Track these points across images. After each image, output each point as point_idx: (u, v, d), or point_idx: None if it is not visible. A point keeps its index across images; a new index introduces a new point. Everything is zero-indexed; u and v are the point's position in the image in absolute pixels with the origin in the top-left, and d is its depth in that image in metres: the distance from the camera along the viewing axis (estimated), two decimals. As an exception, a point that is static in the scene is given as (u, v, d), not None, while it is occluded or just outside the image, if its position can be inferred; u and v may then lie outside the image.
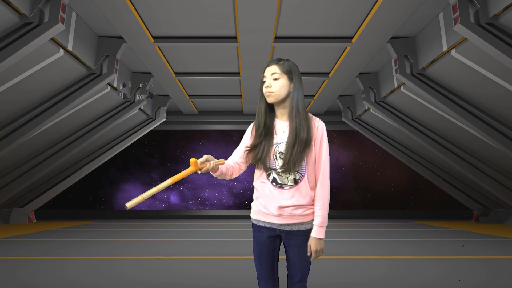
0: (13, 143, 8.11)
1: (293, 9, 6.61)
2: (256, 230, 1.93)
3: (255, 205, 1.95)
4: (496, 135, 8.12)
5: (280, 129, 1.91)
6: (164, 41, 7.77)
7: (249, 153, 1.92)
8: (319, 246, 1.84)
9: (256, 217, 1.93)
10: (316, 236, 1.84)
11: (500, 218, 12.16)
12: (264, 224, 1.90)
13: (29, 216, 11.74)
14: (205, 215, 14.64)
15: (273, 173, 1.88)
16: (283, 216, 1.86)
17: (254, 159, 1.91)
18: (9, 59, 6.04)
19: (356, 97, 12.49)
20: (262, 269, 1.89)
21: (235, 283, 3.98)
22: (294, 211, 1.86)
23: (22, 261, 5.20)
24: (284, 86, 1.89)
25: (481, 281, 4.09)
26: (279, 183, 1.87)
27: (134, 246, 6.91)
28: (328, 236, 1.99)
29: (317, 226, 1.85)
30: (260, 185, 1.92)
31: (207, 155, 1.78)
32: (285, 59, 1.94)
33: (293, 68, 1.92)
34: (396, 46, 8.35)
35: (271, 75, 1.89)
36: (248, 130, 2.00)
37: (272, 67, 1.90)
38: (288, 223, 1.87)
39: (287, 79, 1.90)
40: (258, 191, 1.93)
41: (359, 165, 15.12)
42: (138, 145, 14.62)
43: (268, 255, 1.89)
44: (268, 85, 1.88)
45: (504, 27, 6.01)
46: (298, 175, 1.86)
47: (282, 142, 1.88)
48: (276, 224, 1.88)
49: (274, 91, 1.87)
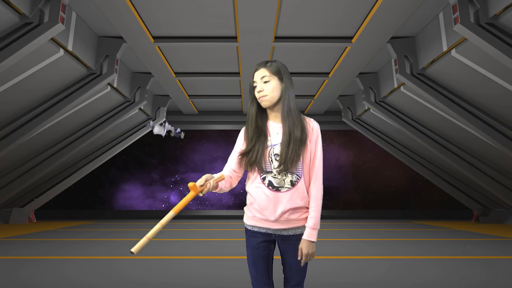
0: (13, 143, 8.11)
1: (293, 9, 6.61)
2: (250, 235, 1.88)
3: (249, 210, 1.89)
4: (496, 135, 8.12)
5: (273, 130, 1.87)
6: (164, 41, 7.77)
7: (242, 157, 1.88)
8: (311, 249, 1.78)
9: (250, 223, 1.87)
10: (308, 239, 1.78)
11: (500, 218, 12.16)
12: (260, 229, 1.85)
13: (29, 216, 11.74)
14: (205, 215, 14.64)
15: (268, 176, 1.82)
16: (280, 221, 1.82)
17: (248, 163, 1.85)
18: (9, 59, 6.04)
19: (356, 97, 12.49)
20: (258, 274, 1.83)
21: (235, 283, 3.98)
22: (290, 216, 1.82)
23: (22, 261, 5.20)
24: (276, 88, 1.85)
25: (481, 281, 4.10)
26: (276, 186, 1.81)
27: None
28: (328, 236, 1.99)
29: (309, 228, 1.79)
30: (254, 189, 1.86)
31: (205, 176, 1.73)
32: (271, 60, 1.91)
33: (282, 68, 1.89)
34: (396, 46, 8.35)
35: (261, 79, 1.85)
36: (240, 135, 1.95)
37: (260, 71, 1.87)
38: (284, 227, 1.83)
39: (278, 79, 1.86)
40: (252, 196, 1.87)
41: (359, 165, 15.12)
42: (138, 145, 14.62)
43: (263, 260, 1.84)
44: (260, 89, 1.85)
45: (504, 27, 6.01)
46: (295, 177, 1.82)
47: (276, 144, 1.83)
48: (272, 229, 1.84)
49: (267, 94, 1.84)
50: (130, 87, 10.58)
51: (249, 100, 1.92)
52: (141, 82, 10.74)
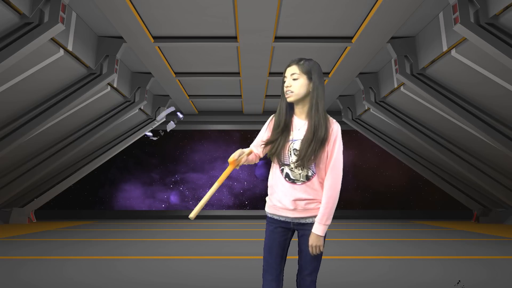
0: (13, 143, 8.11)
1: (293, 9, 6.61)
2: (270, 222, 2.00)
3: (270, 199, 2.01)
4: (496, 135, 8.12)
5: (297, 126, 1.97)
6: (164, 41, 7.77)
7: (265, 147, 2.00)
8: (316, 242, 1.88)
9: (270, 211, 2.00)
10: (314, 232, 1.89)
11: (500, 218, 12.16)
12: (279, 217, 1.96)
13: (29, 216, 11.74)
14: (205, 215, 14.64)
15: (286, 169, 1.94)
16: (298, 210, 1.92)
17: (269, 153, 2.00)
18: (9, 59, 6.04)
19: (356, 97, 12.49)
20: (271, 257, 1.93)
21: (235, 283, 3.98)
22: (307, 205, 1.92)
23: (22, 261, 5.20)
24: (303, 86, 1.94)
25: (481, 281, 4.09)
26: (292, 179, 1.93)
27: (134, 246, 6.91)
28: (328, 236, 2.00)
29: (317, 223, 1.89)
30: (274, 180, 1.99)
31: (239, 151, 1.96)
32: (306, 59, 1.99)
33: (313, 68, 1.97)
34: (396, 46, 8.35)
35: (291, 75, 1.95)
36: (266, 123, 2.08)
37: (292, 67, 1.97)
38: (302, 216, 1.93)
39: (307, 78, 1.95)
40: (272, 186, 2.00)
41: (359, 165, 15.12)
42: (138, 145, 14.62)
43: (278, 245, 1.94)
44: (288, 85, 1.95)
45: (504, 27, 6.01)
46: (310, 172, 1.92)
47: (297, 140, 1.93)
48: (291, 217, 1.94)
49: (293, 91, 1.94)
50: (130, 87, 10.58)
51: (281, 95, 2.02)
52: (141, 82, 10.74)
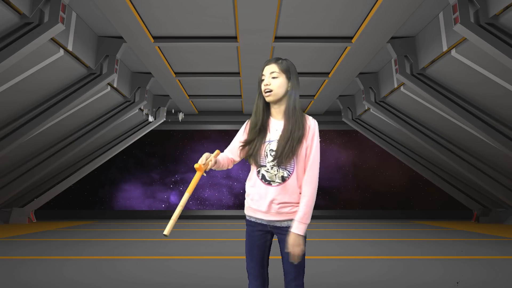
0: (13, 143, 8.11)
1: (293, 9, 6.61)
2: (248, 225, 1.97)
3: (246, 201, 2.00)
4: (496, 135, 8.12)
5: (273, 127, 1.94)
6: (164, 41, 7.77)
7: (243, 148, 1.97)
8: (297, 242, 1.79)
9: (248, 213, 1.97)
10: (293, 231, 1.81)
11: (500, 218, 12.16)
12: (256, 220, 1.94)
13: (29, 216, 11.74)
14: (205, 215, 14.64)
15: (262, 170, 1.91)
16: (271, 213, 1.88)
17: (246, 155, 1.96)
18: (9, 59, 6.04)
19: (356, 97, 12.49)
20: (252, 262, 1.91)
21: (235, 283, 3.97)
22: (281, 209, 1.87)
23: (22, 261, 5.20)
24: (282, 86, 1.92)
25: (481, 281, 4.10)
26: (267, 180, 1.89)
27: (134, 246, 6.91)
28: (328, 236, 2.00)
29: (296, 222, 1.82)
30: (251, 182, 1.96)
31: (205, 154, 1.88)
32: (283, 58, 1.97)
33: (291, 68, 1.96)
34: (396, 46, 8.35)
35: (270, 74, 1.92)
36: (242, 127, 2.05)
37: (271, 66, 1.93)
38: (277, 219, 1.89)
39: (285, 78, 1.93)
40: (248, 188, 1.98)
41: (359, 165, 15.12)
42: (138, 145, 14.62)
43: (258, 249, 1.91)
44: (267, 83, 1.92)
45: (504, 27, 6.01)
46: (286, 173, 1.87)
47: (273, 140, 1.90)
48: (265, 220, 1.90)
49: (273, 89, 1.91)
50: (130, 87, 10.59)
51: (257, 94, 1.99)
52: (141, 82, 10.74)
